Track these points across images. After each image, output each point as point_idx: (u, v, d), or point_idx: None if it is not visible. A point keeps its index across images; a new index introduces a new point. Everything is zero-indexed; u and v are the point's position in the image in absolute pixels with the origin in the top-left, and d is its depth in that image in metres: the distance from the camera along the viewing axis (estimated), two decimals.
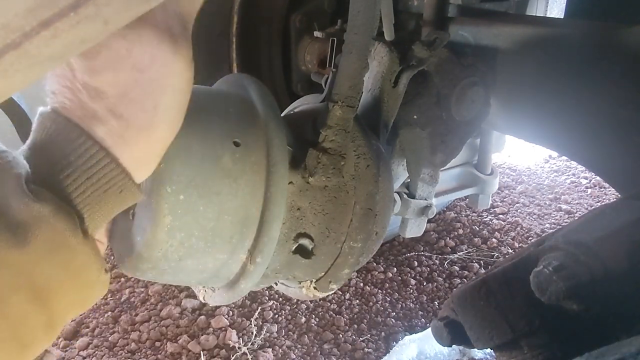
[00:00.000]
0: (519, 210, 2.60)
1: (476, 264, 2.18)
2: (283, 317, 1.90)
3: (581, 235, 0.62)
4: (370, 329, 1.87)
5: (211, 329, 1.82)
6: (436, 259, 2.21)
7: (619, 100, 0.86)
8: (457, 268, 2.16)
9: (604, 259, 0.59)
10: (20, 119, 1.15)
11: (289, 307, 1.94)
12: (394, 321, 1.90)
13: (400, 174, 1.07)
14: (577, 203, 2.68)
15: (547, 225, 2.49)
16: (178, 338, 1.78)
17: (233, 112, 0.73)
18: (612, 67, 0.87)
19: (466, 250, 2.27)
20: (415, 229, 1.17)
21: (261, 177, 0.70)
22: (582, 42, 0.92)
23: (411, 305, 1.98)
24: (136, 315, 1.89)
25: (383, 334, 1.85)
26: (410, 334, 1.80)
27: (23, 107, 1.17)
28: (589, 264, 0.59)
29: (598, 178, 2.78)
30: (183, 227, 0.67)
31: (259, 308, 1.90)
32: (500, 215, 2.55)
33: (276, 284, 0.93)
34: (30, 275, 0.44)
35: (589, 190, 2.78)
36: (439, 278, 2.11)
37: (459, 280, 2.11)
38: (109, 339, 1.79)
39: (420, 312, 1.95)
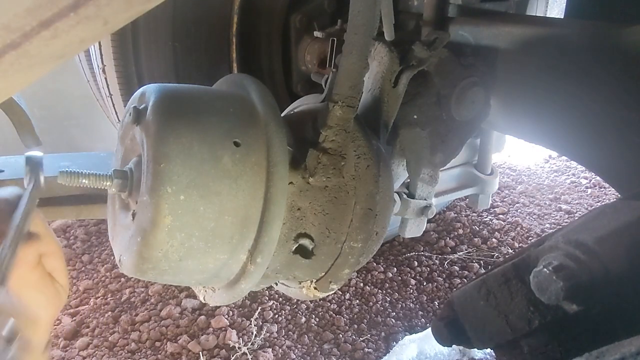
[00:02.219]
0: (519, 210, 2.60)
1: (476, 264, 2.18)
2: (283, 317, 1.90)
3: (581, 235, 0.62)
4: (370, 329, 1.87)
5: (211, 329, 1.82)
6: (436, 259, 2.21)
7: (618, 100, 0.86)
8: (457, 268, 2.16)
9: (604, 259, 0.59)
10: (20, 119, 1.15)
11: (289, 307, 1.94)
12: (394, 321, 1.90)
13: (400, 174, 1.07)
14: (577, 203, 2.68)
15: (547, 225, 2.49)
16: (178, 338, 1.78)
17: (233, 112, 0.73)
18: (612, 66, 0.87)
19: (466, 250, 2.27)
20: (414, 229, 1.17)
21: (261, 177, 0.70)
22: (582, 42, 0.92)
23: (411, 305, 1.98)
24: (136, 315, 1.88)
25: (383, 334, 1.85)
26: (410, 334, 1.80)
27: (23, 107, 1.17)
28: (589, 264, 0.59)
29: (598, 178, 2.78)
30: (183, 228, 0.67)
31: (259, 308, 1.90)
32: (500, 215, 2.55)
33: (276, 284, 0.93)
34: None
35: (589, 190, 2.78)
36: (439, 278, 2.11)
37: (459, 280, 2.10)
38: (109, 339, 1.79)
39: (420, 312, 1.95)
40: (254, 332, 1.79)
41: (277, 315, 1.90)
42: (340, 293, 2.00)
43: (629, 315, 0.59)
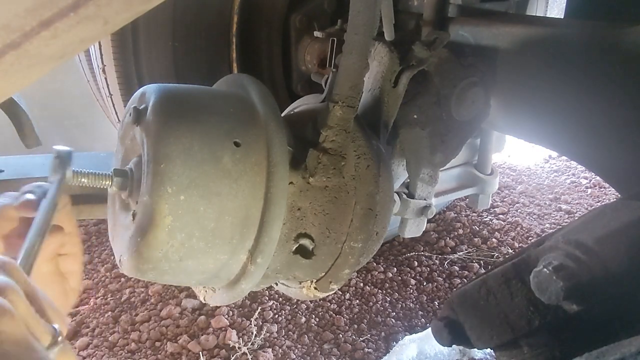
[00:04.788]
0: (519, 210, 2.60)
1: (476, 264, 2.18)
2: (283, 317, 1.89)
3: (581, 235, 0.62)
4: (370, 329, 1.87)
5: (211, 329, 1.82)
6: (436, 259, 2.21)
7: (618, 100, 0.86)
8: (457, 268, 2.16)
9: (604, 259, 0.59)
10: (20, 119, 1.15)
11: (289, 307, 1.93)
12: (394, 321, 1.90)
13: (400, 174, 1.07)
14: (577, 203, 2.68)
15: (547, 225, 2.49)
16: (178, 338, 1.78)
17: (233, 113, 0.73)
18: (612, 66, 0.87)
19: (466, 250, 2.27)
20: (414, 229, 1.17)
21: (261, 177, 0.70)
22: (582, 42, 0.92)
23: (411, 305, 1.98)
24: (136, 315, 1.88)
25: (383, 334, 1.85)
26: (410, 334, 1.80)
27: (23, 107, 1.17)
28: (589, 264, 0.59)
29: (598, 178, 2.78)
30: (184, 228, 0.67)
31: (259, 308, 1.90)
32: (500, 215, 2.55)
33: (276, 284, 0.93)
34: None
35: (589, 190, 2.78)
36: (439, 278, 2.11)
37: (459, 280, 2.10)
38: (109, 339, 1.79)
39: (420, 312, 1.95)
40: (254, 332, 1.79)
41: (277, 315, 1.90)
42: (340, 293, 2.00)
43: (629, 315, 0.59)
